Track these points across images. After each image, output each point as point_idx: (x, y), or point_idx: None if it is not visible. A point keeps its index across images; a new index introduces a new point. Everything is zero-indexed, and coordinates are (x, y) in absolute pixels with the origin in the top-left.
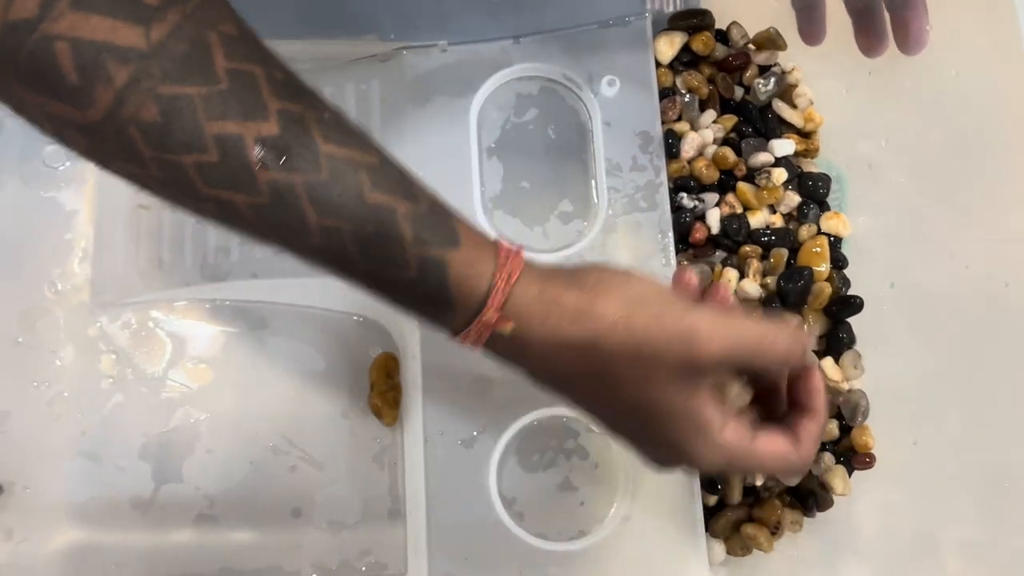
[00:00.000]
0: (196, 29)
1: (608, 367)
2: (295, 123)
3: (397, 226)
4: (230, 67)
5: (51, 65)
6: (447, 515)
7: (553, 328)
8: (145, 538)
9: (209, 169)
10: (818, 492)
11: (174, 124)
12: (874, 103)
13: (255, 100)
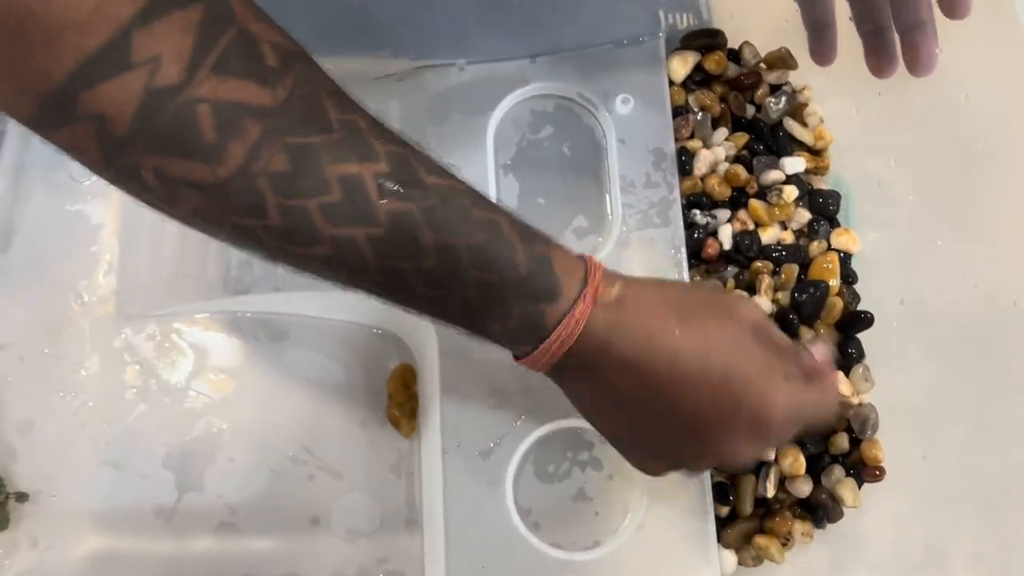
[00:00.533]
0: (308, 86)
1: (680, 399)
2: (401, 160)
3: (504, 234)
4: (340, 118)
5: (191, 127)
6: (464, 524)
7: (647, 334)
8: (167, 546)
9: (332, 208)
10: (828, 504)
11: (302, 170)
12: (884, 122)
13: (365, 144)
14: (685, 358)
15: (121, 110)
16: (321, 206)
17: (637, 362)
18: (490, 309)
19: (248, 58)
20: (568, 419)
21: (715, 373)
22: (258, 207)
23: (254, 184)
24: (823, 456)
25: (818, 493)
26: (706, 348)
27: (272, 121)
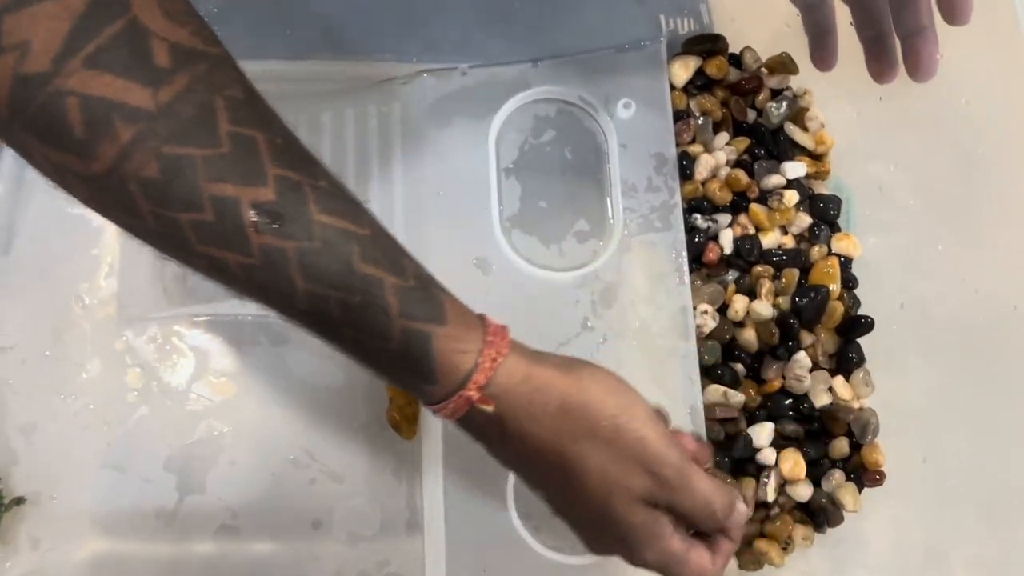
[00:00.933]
0: (204, 93)
1: (582, 464)
2: (292, 190)
3: (384, 297)
4: (232, 131)
5: (60, 118)
6: (465, 528)
7: (536, 416)
8: (168, 548)
9: (204, 228)
10: (829, 508)
11: (174, 183)
12: (885, 127)
13: (254, 165)
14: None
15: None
16: (193, 223)
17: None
18: (370, 365)
19: (131, 54)
20: None
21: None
22: (132, 209)
23: (126, 186)
24: (823, 460)
25: (818, 497)
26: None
27: (148, 125)
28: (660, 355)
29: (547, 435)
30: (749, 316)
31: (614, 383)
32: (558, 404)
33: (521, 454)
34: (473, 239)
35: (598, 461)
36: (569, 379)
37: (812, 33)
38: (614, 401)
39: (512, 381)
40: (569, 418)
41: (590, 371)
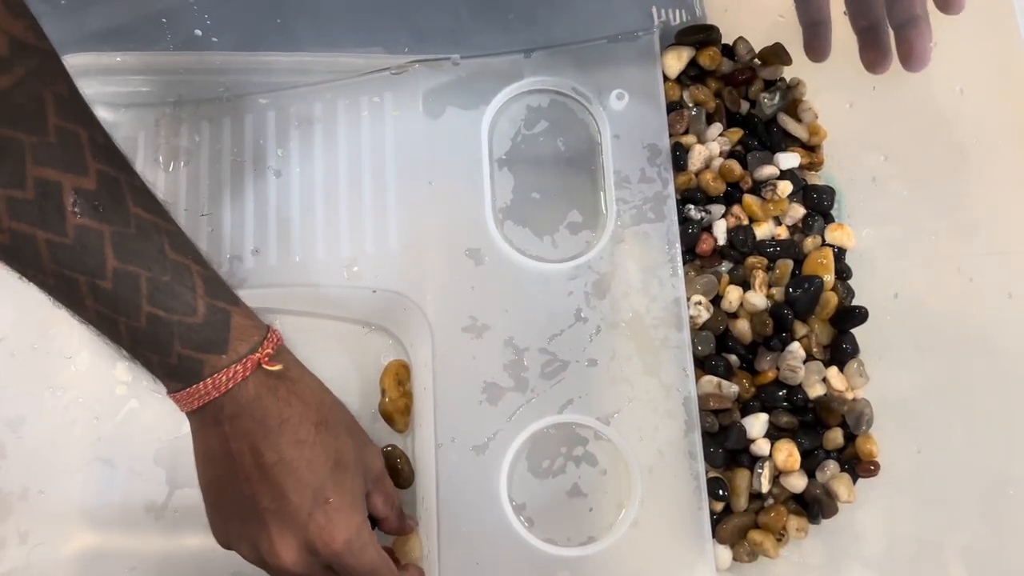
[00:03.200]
0: (36, 85)
1: (265, 485)
2: (111, 183)
3: (192, 279)
4: (59, 124)
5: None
6: (458, 521)
7: (305, 390)
8: (159, 542)
9: (21, 205)
10: (823, 499)
11: (2, 160)
12: (878, 117)
13: (78, 157)
14: (299, 455)
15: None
16: (9, 198)
17: (259, 437)
18: (155, 343)
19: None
20: (562, 415)
21: (311, 488)
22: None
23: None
24: (817, 451)
25: (812, 488)
26: (319, 462)
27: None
28: (654, 346)
29: (303, 411)
30: (743, 307)
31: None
32: (320, 390)
33: (244, 441)
34: (466, 230)
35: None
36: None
37: (806, 24)
38: (360, 439)
39: (291, 358)
40: (324, 410)
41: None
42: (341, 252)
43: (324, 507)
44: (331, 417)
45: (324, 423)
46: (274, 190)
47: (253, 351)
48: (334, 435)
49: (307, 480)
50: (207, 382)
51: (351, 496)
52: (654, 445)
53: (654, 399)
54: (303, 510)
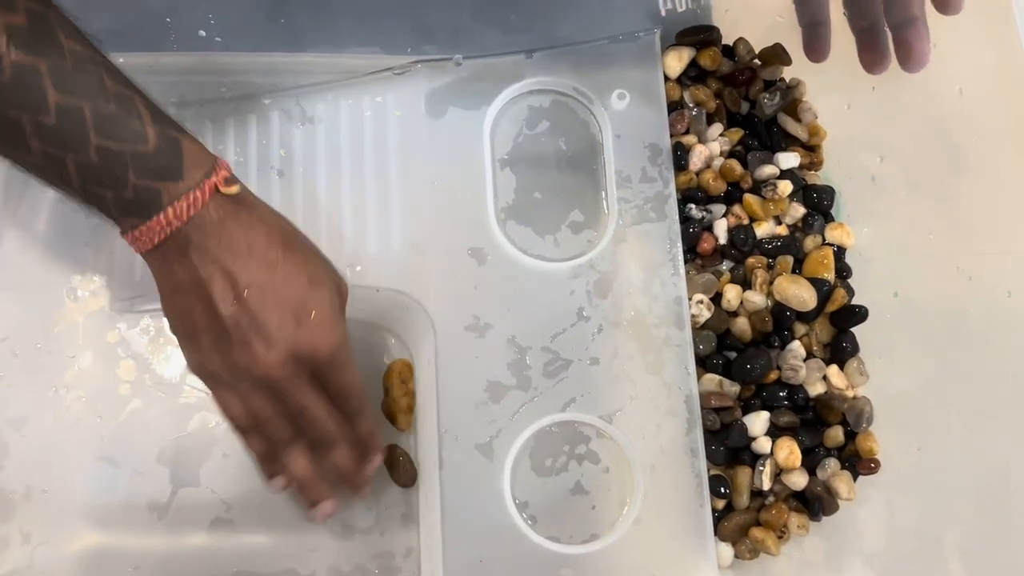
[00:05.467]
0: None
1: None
2: (41, 19)
3: (137, 107)
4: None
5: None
6: (461, 518)
7: (248, 239)
8: (162, 542)
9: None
10: (824, 497)
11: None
12: (877, 117)
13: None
14: (273, 276)
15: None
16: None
17: (229, 262)
18: (108, 177)
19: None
20: (565, 413)
21: (291, 305)
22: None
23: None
24: (818, 449)
25: (813, 486)
26: (295, 280)
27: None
28: (655, 345)
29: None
30: (743, 306)
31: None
32: (277, 215)
33: (212, 265)
34: (468, 230)
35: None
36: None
37: (805, 24)
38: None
39: (242, 185)
40: (288, 233)
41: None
42: (344, 252)
43: (307, 320)
44: (295, 239)
45: (290, 244)
46: (277, 190)
47: (208, 176)
48: (303, 255)
49: (286, 298)
50: (168, 212)
51: (331, 309)
52: (656, 443)
53: (656, 397)
54: (287, 324)
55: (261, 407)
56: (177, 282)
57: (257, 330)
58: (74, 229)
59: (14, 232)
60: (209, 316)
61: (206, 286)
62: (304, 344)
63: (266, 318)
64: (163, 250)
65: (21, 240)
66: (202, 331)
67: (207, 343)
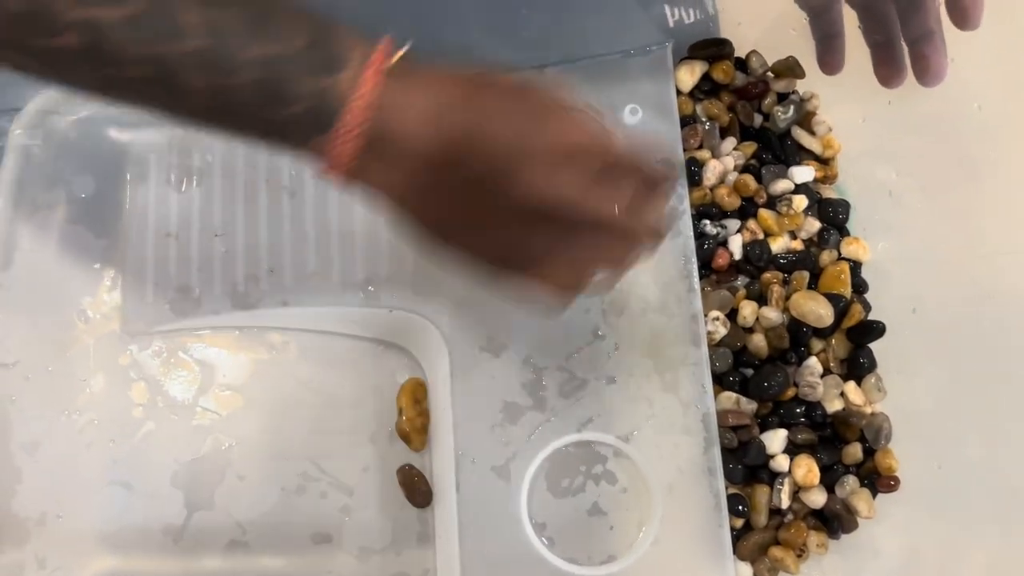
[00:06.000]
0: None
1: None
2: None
3: (279, 4)
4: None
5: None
6: (480, 541)
7: (440, 97)
8: (178, 565)
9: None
10: (843, 515)
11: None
12: (892, 131)
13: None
14: (498, 107)
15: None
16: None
17: (432, 130)
18: (276, 91)
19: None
20: (581, 433)
21: (532, 121)
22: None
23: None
24: (837, 466)
25: (832, 504)
26: (520, 103)
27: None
28: (672, 363)
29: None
30: (759, 322)
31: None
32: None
33: (425, 146)
34: None
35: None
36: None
37: (819, 37)
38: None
39: (399, 60)
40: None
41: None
42: (357, 273)
43: (557, 119)
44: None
45: (492, 80)
46: (288, 210)
47: (371, 54)
48: (510, 82)
49: (522, 117)
50: (350, 106)
51: (574, 110)
52: (674, 463)
53: (673, 416)
54: (538, 136)
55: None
56: (417, 183)
57: (517, 157)
58: (84, 251)
59: (23, 255)
60: (469, 192)
61: (450, 161)
62: (567, 139)
63: (522, 141)
64: (368, 158)
65: (31, 263)
66: (474, 214)
67: (478, 227)
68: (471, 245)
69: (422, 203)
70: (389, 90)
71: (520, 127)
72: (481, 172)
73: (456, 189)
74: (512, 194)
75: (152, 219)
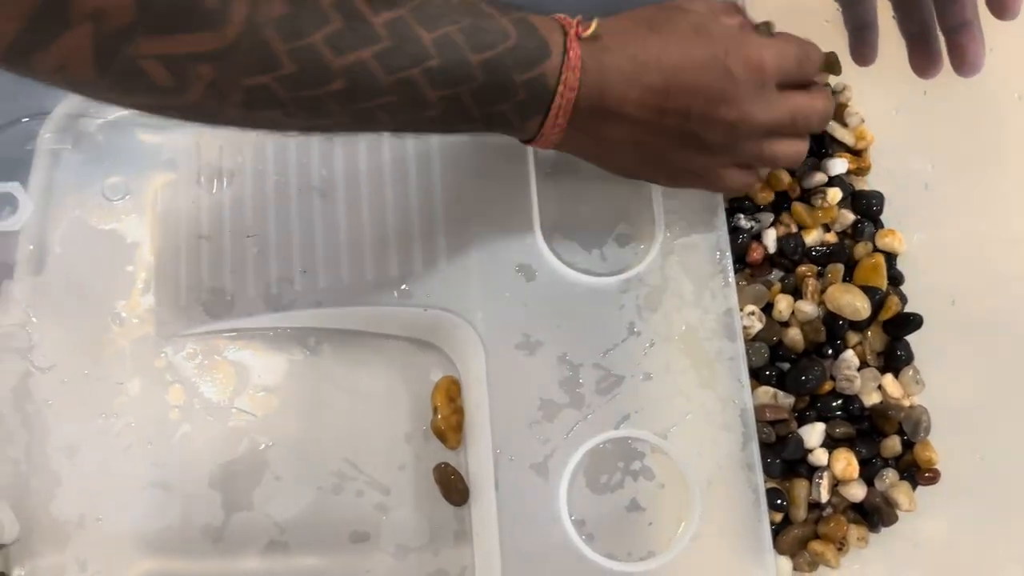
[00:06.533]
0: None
1: (676, 99)
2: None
3: (483, 8)
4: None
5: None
6: (519, 539)
7: (633, 55)
8: (217, 566)
9: (336, 37)
10: (883, 508)
11: (300, 8)
12: (928, 122)
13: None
14: (670, 59)
15: (120, 0)
16: (326, 38)
17: (634, 81)
18: (499, 90)
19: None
20: (619, 430)
21: (717, 50)
22: (269, 58)
23: (261, 34)
24: (875, 460)
25: (872, 497)
26: (687, 45)
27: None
28: (708, 358)
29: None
30: (794, 316)
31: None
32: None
33: (628, 103)
34: (514, 245)
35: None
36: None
37: (852, 28)
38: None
39: (592, 31)
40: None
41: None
42: (390, 271)
43: (735, 47)
44: (665, 16)
45: (667, 20)
46: (319, 210)
47: (566, 34)
48: (682, 16)
49: (705, 57)
50: (560, 91)
51: (742, 28)
52: (712, 458)
53: (710, 412)
54: (725, 78)
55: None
56: (614, 134)
57: (718, 96)
58: (117, 254)
59: (56, 259)
60: (681, 129)
61: (645, 106)
62: (749, 58)
63: (720, 83)
64: (581, 122)
65: (63, 266)
66: (664, 148)
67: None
68: (661, 176)
69: (618, 155)
70: (590, 63)
71: (706, 72)
72: (678, 121)
73: (658, 134)
74: (709, 136)
75: (183, 221)
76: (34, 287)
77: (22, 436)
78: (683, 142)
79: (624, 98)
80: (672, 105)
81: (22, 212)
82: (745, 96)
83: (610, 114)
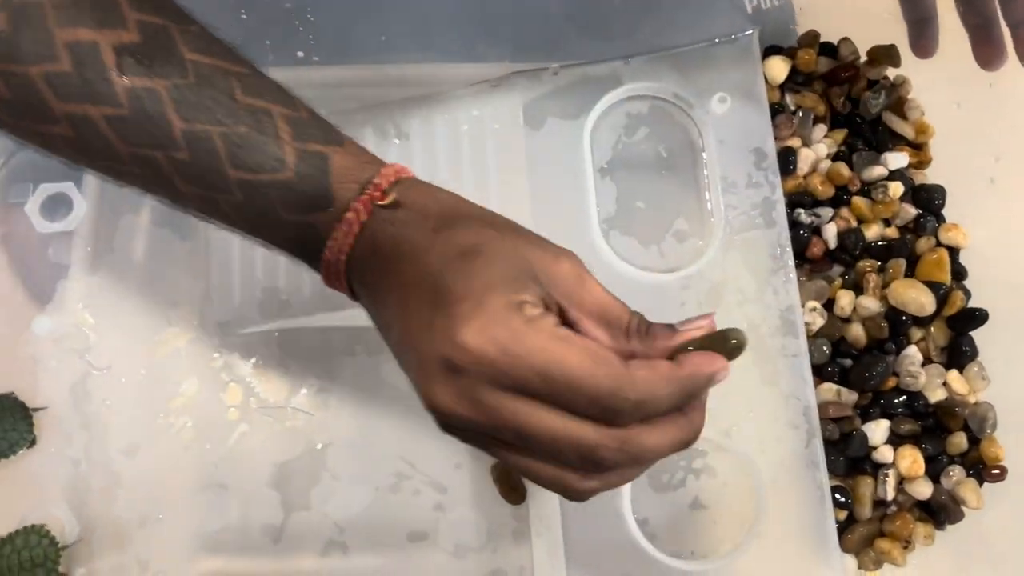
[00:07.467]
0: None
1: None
2: (158, 32)
3: (274, 124)
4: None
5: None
6: (584, 538)
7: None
8: (277, 566)
9: (61, 80)
10: (949, 505)
11: (21, 31)
12: (991, 114)
13: (112, 10)
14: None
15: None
16: (47, 76)
17: (393, 273)
18: (263, 216)
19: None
20: None
21: (427, 291)
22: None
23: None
24: (941, 457)
25: (938, 494)
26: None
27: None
28: (771, 355)
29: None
30: (856, 311)
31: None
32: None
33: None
34: (572, 243)
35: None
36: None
37: (911, 20)
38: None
39: (420, 193)
40: (447, 213)
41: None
42: None
43: (444, 308)
44: (459, 215)
45: (447, 224)
46: None
47: (363, 191)
48: (463, 227)
49: (423, 284)
50: (327, 249)
51: (483, 284)
52: (776, 456)
53: (774, 409)
54: (420, 320)
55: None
56: (382, 319)
57: (399, 343)
58: (171, 254)
59: (110, 260)
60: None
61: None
62: (444, 346)
63: (404, 322)
64: (357, 289)
65: (118, 268)
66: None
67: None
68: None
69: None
70: (372, 226)
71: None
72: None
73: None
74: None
75: None
76: (90, 287)
77: (81, 437)
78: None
79: (387, 280)
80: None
81: (77, 212)
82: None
83: (380, 294)
